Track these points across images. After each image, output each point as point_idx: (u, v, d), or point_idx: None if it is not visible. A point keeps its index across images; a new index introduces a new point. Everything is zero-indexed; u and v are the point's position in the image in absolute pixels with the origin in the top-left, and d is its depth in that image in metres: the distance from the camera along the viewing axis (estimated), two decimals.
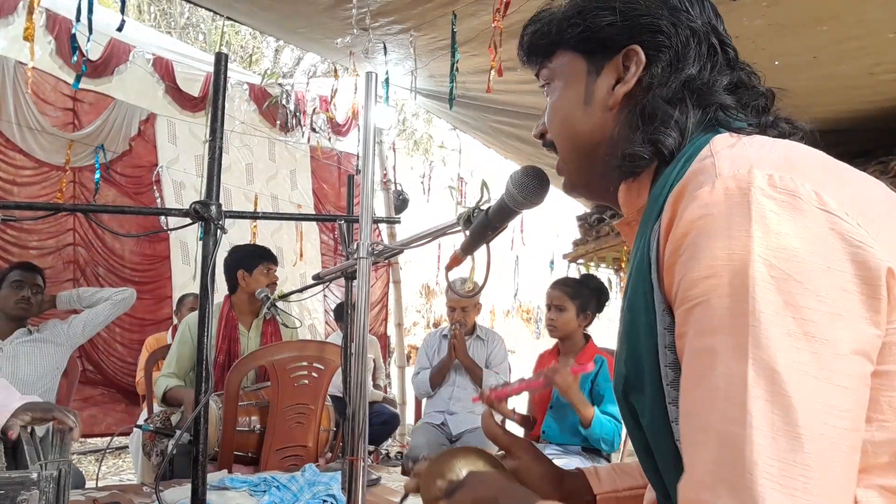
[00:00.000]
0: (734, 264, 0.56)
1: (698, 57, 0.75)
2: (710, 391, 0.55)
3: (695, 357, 0.58)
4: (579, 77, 0.81)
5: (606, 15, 0.78)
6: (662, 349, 0.65)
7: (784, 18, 2.67)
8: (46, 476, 0.98)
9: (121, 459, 5.26)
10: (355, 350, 1.24)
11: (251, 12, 4.20)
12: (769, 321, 0.53)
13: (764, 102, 0.77)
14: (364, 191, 1.33)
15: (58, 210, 3.11)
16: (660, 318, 0.65)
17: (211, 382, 1.38)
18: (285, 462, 2.50)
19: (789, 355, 0.53)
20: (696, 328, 0.58)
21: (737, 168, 0.60)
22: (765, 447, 0.51)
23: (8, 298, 2.82)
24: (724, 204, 0.58)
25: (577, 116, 0.80)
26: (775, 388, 0.52)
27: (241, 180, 5.77)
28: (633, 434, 0.73)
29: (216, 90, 1.45)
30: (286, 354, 2.56)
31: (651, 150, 0.74)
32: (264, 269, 2.92)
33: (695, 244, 0.59)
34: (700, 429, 0.56)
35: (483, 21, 3.32)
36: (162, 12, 10.63)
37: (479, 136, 5.78)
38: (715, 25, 0.78)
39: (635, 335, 0.69)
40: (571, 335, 2.72)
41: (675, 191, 0.64)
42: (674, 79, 0.74)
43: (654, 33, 0.76)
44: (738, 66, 0.78)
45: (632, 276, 0.71)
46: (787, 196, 0.56)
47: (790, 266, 0.54)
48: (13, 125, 4.46)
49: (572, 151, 0.83)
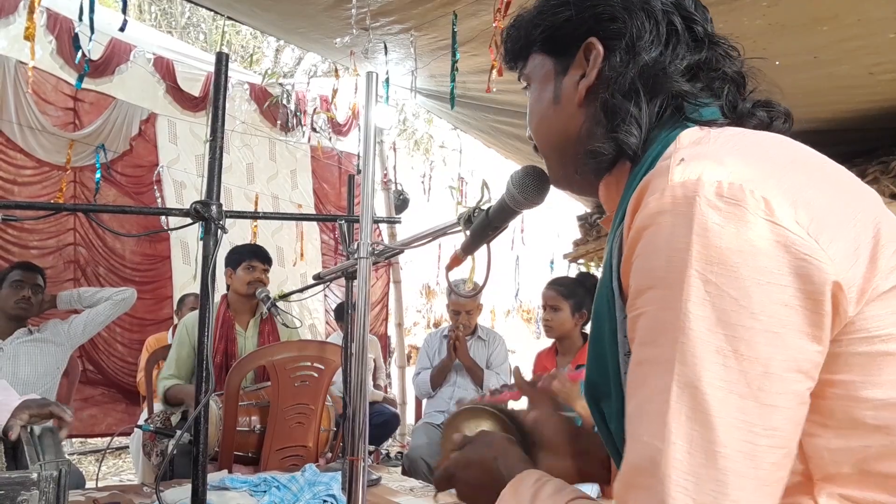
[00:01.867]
0: (671, 277, 0.55)
1: (655, 40, 0.72)
2: (641, 402, 0.57)
3: (634, 366, 0.59)
4: (549, 77, 0.80)
5: (563, 11, 0.77)
6: (622, 356, 0.65)
7: (784, 18, 2.67)
8: (46, 476, 0.98)
9: (121, 459, 5.26)
10: (355, 350, 1.24)
11: (252, 12, 4.20)
12: (698, 338, 0.53)
13: (735, 86, 0.74)
14: (364, 191, 1.33)
15: (58, 210, 3.10)
16: (620, 326, 0.65)
17: (211, 382, 1.38)
18: (285, 462, 2.50)
19: (715, 373, 0.53)
20: (638, 338, 0.59)
21: (688, 175, 0.57)
22: (681, 462, 0.52)
23: (8, 298, 2.82)
24: (670, 213, 0.56)
25: (550, 116, 0.80)
26: (696, 405, 0.52)
27: (242, 180, 5.77)
28: (604, 437, 0.73)
29: (217, 90, 1.45)
30: (286, 354, 2.56)
31: (612, 147, 0.72)
32: (247, 266, 2.93)
33: (642, 253, 0.59)
34: (631, 435, 0.58)
35: (483, 21, 3.32)
36: (163, 12, 10.64)
37: (480, 136, 5.78)
38: (679, 2, 0.75)
39: (601, 341, 0.69)
40: (568, 335, 2.71)
41: (636, 194, 0.63)
42: (629, 68, 0.72)
43: (609, 21, 0.74)
44: (709, 43, 0.75)
45: (600, 281, 0.71)
46: (732, 207, 0.54)
47: (726, 282, 0.53)
48: (14, 125, 4.46)
49: (549, 150, 0.83)
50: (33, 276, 2.90)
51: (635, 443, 0.57)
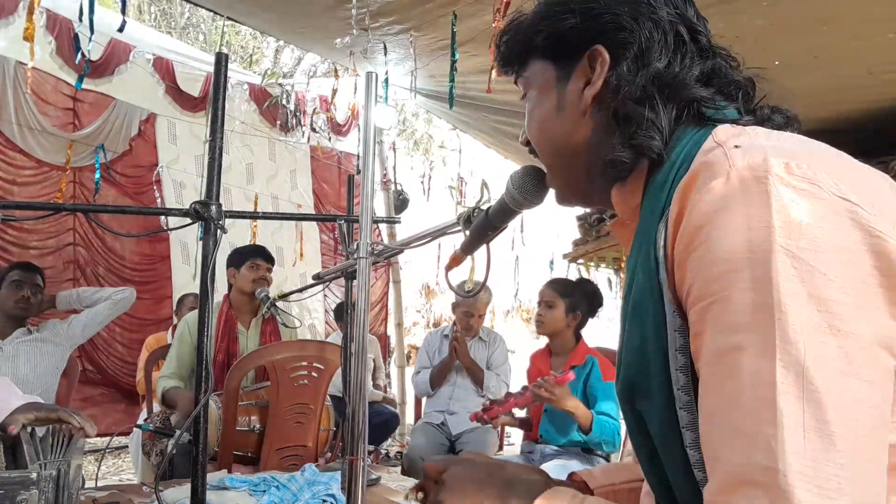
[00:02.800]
0: (755, 256, 0.53)
1: (665, 50, 0.72)
2: (736, 390, 0.53)
3: (717, 356, 0.56)
4: (550, 84, 0.79)
5: (567, 17, 0.76)
6: (673, 352, 0.62)
7: (784, 18, 2.67)
8: (46, 476, 0.98)
9: (121, 459, 5.25)
10: (355, 350, 1.24)
11: (251, 12, 4.20)
12: (795, 314, 0.51)
13: (746, 92, 0.74)
14: (364, 191, 1.33)
15: (58, 210, 3.09)
16: (670, 320, 0.63)
17: (211, 382, 1.38)
18: (285, 462, 2.50)
19: (816, 349, 0.51)
20: (716, 326, 0.56)
21: (751, 157, 0.57)
22: (797, 446, 0.49)
23: (7, 298, 2.82)
24: (742, 195, 0.56)
25: (553, 124, 0.79)
26: (805, 385, 0.50)
27: (242, 180, 5.77)
28: (637, 440, 0.70)
29: (216, 90, 1.45)
30: (286, 354, 2.56)
31: (632, 154, 0.72)
32: (251, 265, 2.93)
33: (710, 238, 0.57)
34: (726, 430, 0.54)
35: (483, 21, 3.32)
36: (162, 12, 10.64)
37: (480, 136, 5.78)
38: (683, 13, 0.75)
39: (642, 338, 0.66)
40: (560, 334, 2.70)
41: (682, 184, 0.62)
42: (641, 76, 0.72)
43: (616, 30, 0.73)
44: (712, 54, 0.75)
45: (635, 277, 0.68)
46: (806, 184, 0.54)
47: (813, 256, 0.52)
48: (13, 125, 4.46)
49: (553, 159, 0.82)
50: (32, 275, 2.89)
51: (733, 435, 0.53)
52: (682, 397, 0.62)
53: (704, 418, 0.58)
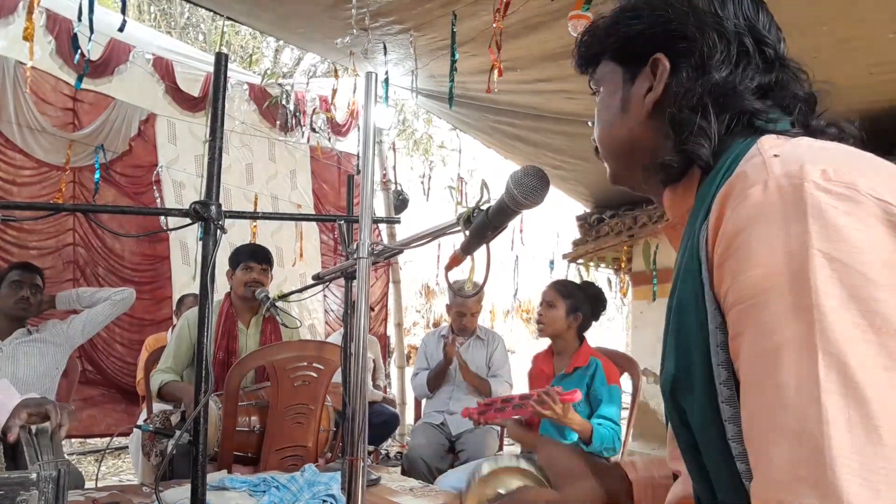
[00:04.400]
0: (793, 260, 0.55)
1: (726, 61, 0.74)
2: (779, 389, 0.54)
3: (757, 357, 0.57)
4: (617, 85, 0.83)
5: (637, 24, 0.80)
6: (714, 347, 0.64)
7: (784, 18, 2.66)
8: (46, 476, 0.98)
9: (120, 460, 5.25)
10: (355, 350, 1.23)
11: (251, 12, 4.20)
12: (835, 314, 0.53)
13: (805, 106, 0.76)
14: (364, 191, 1.33)
15: (58, 210, 3.11)
16: (711, 317, 0.64)
17: (211, 382, 1.38)
18: (285, 462, 2.50)
19: (858, 347, 0.52)
20: (756, 328, 0.57)
21: (788, 166, 0.59)
22: (844, 442, 0.50)
23: (7, 298, 2.82)
24: (779, 201, 0.57)
25: (615, 124, 0.83)
26: (848, 382, 0.51)
27: (241, 180, 5.76)
28: (679, 433, 0.72)
29: (216, 90, 1.45)
30: (286, 354, 2.56)
31: (682, 160, 0.75)
32: (244, 267, 2.95)
33: (748, 243, 0.58)
34: (771, 428, 0.55)
35: (483, 21, 3.32)
36: (162, 12, 10.63)
37: (479, 136, 5.78)
38: (753, 23, 0.77)
39: (685, 334, 0.68)
40: (561, 334, 2.69)
41: (723, 190, 0.64)
42: (698, 85, 0.74)
43: (679, 39, 0.76)
44: (779, 65, 0.77)
45: (680, 275, 0.71)
46: (842, 188, 0.56)
47: (851, 258, 0.53)
48: (13, 125, 4.45)
49: (612, 157, 0.86)
50: (32, 276, 2.89)
51: (778, 434, 0.54)
52: (723, 391, 0.63)
53: (747, 418, 0.59)
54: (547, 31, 3.37)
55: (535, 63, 3.77)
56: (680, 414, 0.71)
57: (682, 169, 0.76)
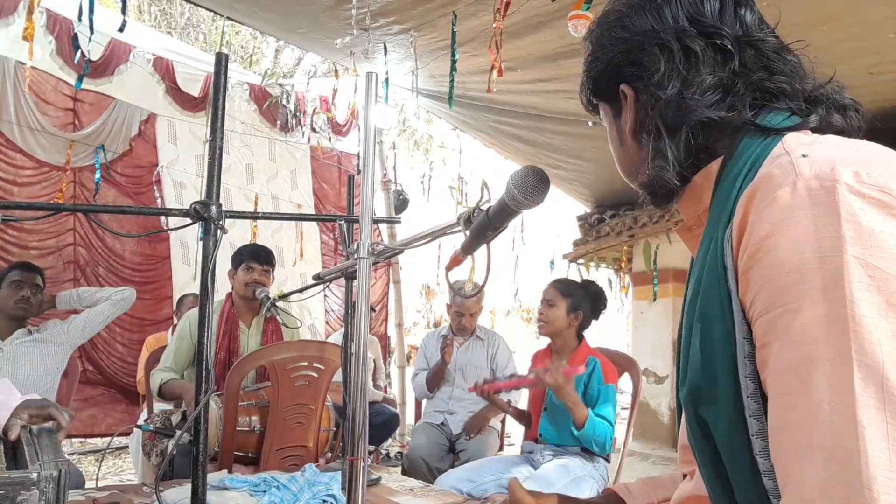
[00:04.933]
0: (826, 266, 0.52)
1: (673, 73, 0.73)
2: (812, 403, 0.52)
3: (788, 368, 0.55)
4: (611, 121, 0.85)
5: (598, 63, 0.82)
6: (742, 360, 0.61)
7: (784, 18, 2.67)
8: (46, 476, 0.98)
9: (121, 459, 5.25)
10: (355, 350, 1.24)
11: (251, 12, 4.20)
12: (872, 324, 0.50)
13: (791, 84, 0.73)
14: (364, 191, 1.33)
15: (58, 210, 3.10)
16: (738, 327, 0.61)
17: (211, 382, 1.38)
18: (285, 462, 2.50)
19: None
20: (787, 337, 0.55)
21: (819, 167, 0.57)
22: (882, 460, 0.48)
23: (7, 298, 2.82)
24: (809, 204, 0.55)
25: (619, 155, 0.85)
26: (886, 396, 0.49)
27: (242, 180, 5.76)
28: (699, 446, 0.69)
29: (216, 90, 1.45)
30: (286, 354, 2.56)
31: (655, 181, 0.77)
32: (245, 268, 2.95)
33: (778, 248, 0.56)
34: (802, 444, 0.52)
35: (483, 21, 3.32)
36: (162, 12, 10.63)
37: (480, 136, 5.78)
38: (698, 18, 0.74)
39: (709, 345, 0.65)
40: (561, 333, 2.70)
41: (748, 191, 0.61)
42: (654, 106, 0.75)
43: (629, 65, 0.77)
44: (744, 44, 0.73)
45: (700, 282, 0.67)
46: (876, 192, 0.53)
47: (888, 264, 0.51)
48: (13, 125, 4.45)
49: (630, 181, 0.87)
50: (32, 276, 2.89)
51: (810, 450, 0.51)
52: (751, 405, 0.61)
53: (776, 431, 0.57)
54: (547, 31, 3.37)
55: (535, 63, 3.78)
56: (702, 427, 0.68)
57: (666, 188, 0.76)
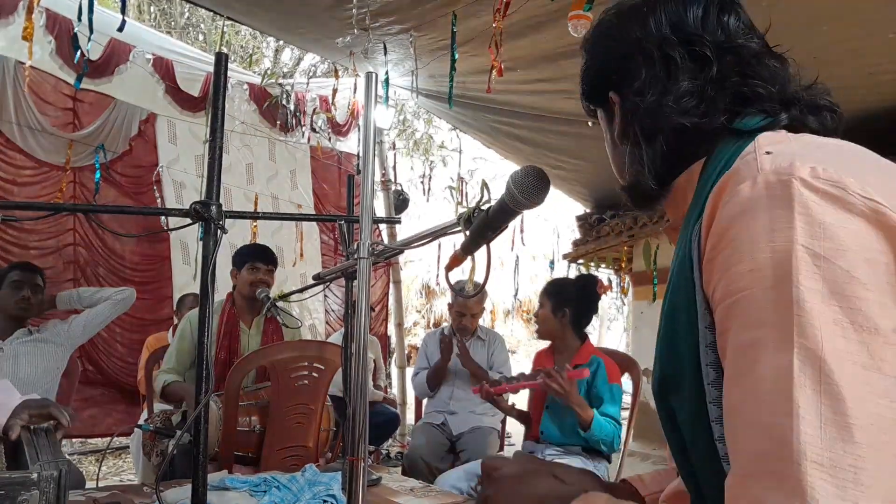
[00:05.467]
0: (777, 255, 0.55)
1: (653, 81, 0.76)
2: (755, 384, 0.55)
3: (738, 351, 0.58)
4: (605, 126, 0.88)
5: (590, 70, 0.87)
6: (703, 348, 0.64)
7: (783, 19, 2.66)
8: (47, 476, 0.98)
9: (121, 459, 5.25)
10: (356, 350, 1.24)
11: (251, 12, 4.20)
12: (814, 310, 0.53)
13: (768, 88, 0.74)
14: (364, 191, 1.33)
15: (58, 210, 3.11)
16: (701, 316, 0.65)
17: (211, 382, 1.38)
18: (285, 462, 2.50)
19: (836, 344, 0.52)
20: (740, 322, 0.58)
21: (778, 162, 0.60)
22: (813, 437, 0.50)
23: (7, 298, 2.82)
24: (766, 197, 0.58)
25: (613, 157, 0.88)
26: (823, 378, 0.51)
27: (242, 180, 5.77)
28: (670, 436, 0.72)
29: (216, 90, 1.45)
30: (286, 354, 2.56)
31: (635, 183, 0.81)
32: (251, 267, 2.95)
33: (736, 239, 0.59)
34: (746, 423, 0.55)
35: (483, 21, 3.32)
36: (162, 12, 10.63)
37: (479, 136, 5.78)
38: (680, 26, 0.76)
39: (675, 334, 0.68)
40: (553, 333, 2.69)
41: (716, 188, 0.64)
42: (634, 114, 0.79)
43: (615, 73, 0.81)
44: (722, 51, 0.75)
45: (673, 276, 0.71)
46: (829, 186, 0.56)
47: (835, 255, 0.53)
48: (13, 125, 4.45)
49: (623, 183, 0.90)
50: (32, 276, 2.89)
51: (751, 427, 0.54)
52: (711, 392, 0.64)
53: (727, 413, 0.59)
54: (547, 31, 3.37)
55: (535, 63, 3.77)
56: (670, 416, 0.71)
57: (643, 192, 0.80)
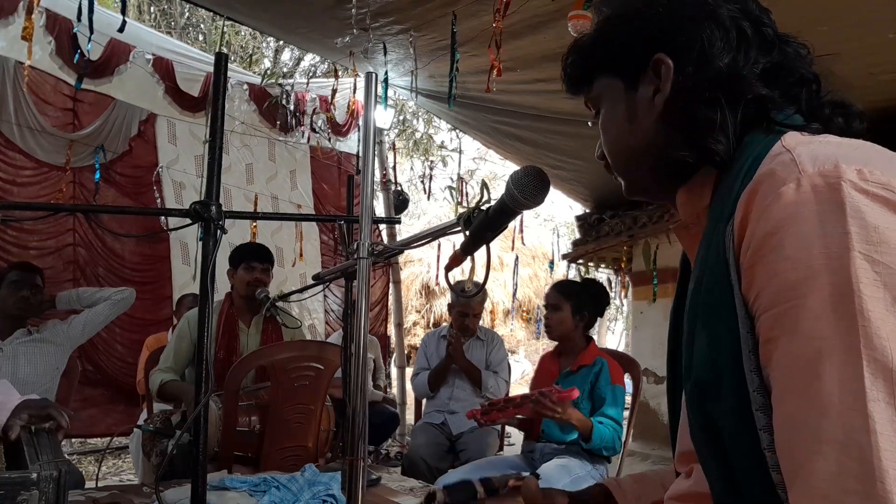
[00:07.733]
0: (833, 262, 0.53)
1: (727, 47, 0.72)
2: (820, 397, 0.52)
3: (796, 363, 0.55)
4: (619, 97, 0.80)
5: (625, 30, 0.78)
6: (746, 354, 0.62)
7: (783, 19, 2.67)
8: (46, 476, 0.98)
9: (121, 460, 5.25)
10: (355, 350, 1.23)
11: (251, 12, 4.20)
12: (880, 319, 0.51)
13: (809, 89, 0.74)
14: (364, 191, 1.33)
15: (58, 210, 3.11)
16: (742, 321, 0.62)
17: (211, 382, 1.38)
18: (285, 462, 2.50)
19: None
20: (795, 332, 0.55)
21: (822, 164, 0.57)
22: (893, 453, 0.48)
23: (7, 298, 2.82)
24: (814, 201, 0.56)
25: (626, 134, 0.80)
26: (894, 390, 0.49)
27: (241, 180, 5.77)
28: (702, 440, 0.69)
29: (216, 90, 1.45)
30: (286, 354, 2.56)
31: (696, 155, 0.73)
32: (246, 267, 2.94)
33: (783, 244, 0.57)
34: (812, 438, 0.53)
35: (483, 21, 3.32)
36: (162, 12, 10.63)
37: (479, 137, 5.78)
38: (746, 6, 0.75)
39: (714, 341, 0.65)
40: (568, 335, 2.70)
41: (749, 189, 0.62)
42: (704, 77, 0.72)
43: (675, 34, 0.74)
44: (780, 44, 0.74)
45: (703, 279, 0.68)
46: (879, 189, 0.54)
47: (894, 260, 0.52)
48: (13, 125, 4.45)
49: (627, 168, 0.83)
50: (32, 276, 2.89)
51: (822, 444, 0.52)
52: (757, 399, 0.61)
53: (783, 425, 0.57)
54: (547, 31, 3.37)
55: (535, 63, 3.78)
56: (706, 422, 0.68)
57: (694, 166, 0.74)
